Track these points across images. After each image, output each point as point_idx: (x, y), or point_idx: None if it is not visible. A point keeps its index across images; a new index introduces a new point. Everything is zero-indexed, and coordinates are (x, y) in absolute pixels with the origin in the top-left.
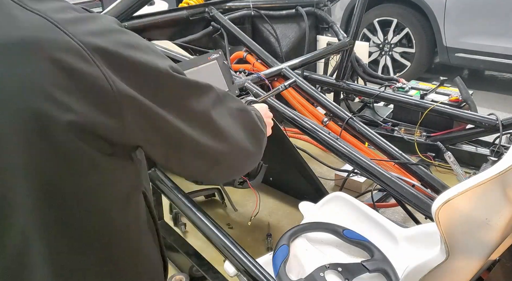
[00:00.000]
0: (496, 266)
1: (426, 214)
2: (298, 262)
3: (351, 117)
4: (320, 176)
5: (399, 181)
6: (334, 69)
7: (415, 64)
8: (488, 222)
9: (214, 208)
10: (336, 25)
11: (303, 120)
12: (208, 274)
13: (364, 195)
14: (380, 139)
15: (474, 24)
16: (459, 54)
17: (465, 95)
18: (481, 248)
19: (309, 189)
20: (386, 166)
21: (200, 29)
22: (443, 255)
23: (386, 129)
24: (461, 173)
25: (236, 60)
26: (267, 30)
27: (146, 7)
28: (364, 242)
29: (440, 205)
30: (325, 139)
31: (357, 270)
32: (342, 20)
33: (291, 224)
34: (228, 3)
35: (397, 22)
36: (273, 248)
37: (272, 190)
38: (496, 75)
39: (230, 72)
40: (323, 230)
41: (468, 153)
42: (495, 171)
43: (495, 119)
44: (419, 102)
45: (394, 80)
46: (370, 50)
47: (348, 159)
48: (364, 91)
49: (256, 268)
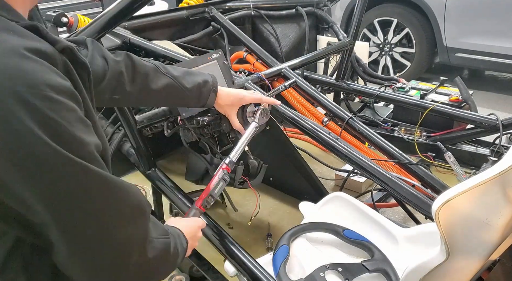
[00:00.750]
0: (496, 266)
1: (426, 214)
2: (298, 262)
3: (351, 117)
4: (320, 176)
5: (399, 181)
6: (334, 69)
7: (415, 64)
8: (488, 222)
9: (214, 208)
10: (336, 25)
11: (303, 120)
12: (208, 274)
13: (364, 195)
14: (380, 139)
15: (474, 24)
16: (459, 54)
17: (465, 95)
18: (481, 248)
19: (309, 189)
20: (386, 166)
21: (200, 29)
22: (443, 255)
23: (386, 129)
24: (461, 173)
25: (236, 60)
26: (267, 30)
27: (146, 7)
28: (364, 242)
29: (440, 205)
30: (325, 139)
31: (357, 270)
32: (342, 20)
33: (291, 224)
34: (228, 3)
35: (397, 22)
36: (273, 248)
37: (272, 190)
38: (496, 75)
39: (230, 72)
40: (323, 230)
41: (468, 153)
42: (495, 171)
43: (495, 119)
44: (419, 102)
45: (394, 80)
46: (370, 50)
47: (348, 159)
48: (364, 91)
49: (256, 268)
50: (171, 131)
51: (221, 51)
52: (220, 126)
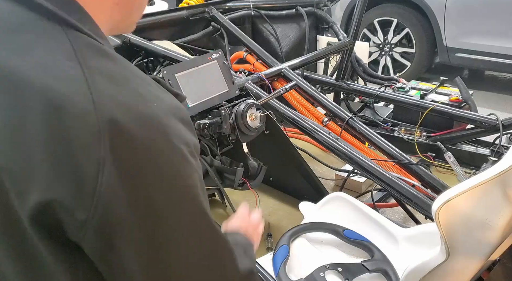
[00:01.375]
0: (496, 266)
1: (426, 214)
2: (298, 262)
3: (351, 117)
4: (320, 176)
5: (399, 181)
6: (334, 69)
7: (415, 64)
8: (488, 222)
9: (214, 208)
10: (336, 25)
11: (303, 120)
12: None
13: (364, 195)
14: (380, 139)
15: (474, 24)
16: (459, 54)
17: (465, 95)
18: (481, 248)
19: (309, 189)
20: (386, 166)
21: (200, 29)
22: (443, 255)
23: (386, 129)
24: (461, 173)
25: (236, 60)
26: (267, 30)
27: (146, 7)
28: (364, 242)
29: (440, 205)
30: (325, 139)
31: (357, 270)
32: (342, 20)
33: (291, 224)
34: (228, 3)
35: (397, 22)
36: (273, 248)
37: (272, 190)
38: (496, 75)
39: (230, 72)
40: (323, 230)
41: (468, 153)
42: (495, 171)
43: (495, 119)
44: (419, 102)
45: (394, 80)
46: (370, 50)
47: (348, 159)
48: (364, 91)
49: (256, 268)
50: None
51: (221, 51)
52: (220, 128)
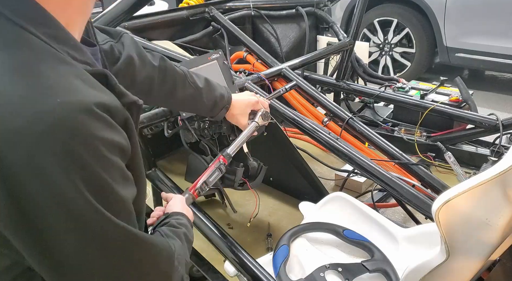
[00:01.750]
0: (496, 266)
1: (426, 214)
2: (298, 262)
3: (351, 117)
4: (320, 176)
5: (399, 181)
6: (334, 69)
7: (415, 64)
8: (488, 222)
9: (214, 208)
10: (336, 25)
11: (303, 120)
12: (208, 274)
13: (364, 195)
14: (380, 139)
15: (474, 24)
16: (459, 54)
17: (465, 95)
18: (481, 248)
19: (309, 189)
20: (386, 166)
21: (200, 29)
22: (443, 255)
23: (386, 129)
24: (461, 173)
25: (236, 60)
26: (267, 30)
27: (146, 7)
28: (364, 242)
29: (440, 205)
30: (325, 139)
31: (357, 270)
32: (342, 20)
33: (291, 224)
34: (228, 3)
35: (397, 22)
36: (273, 248)
37: (272, 190)
38: (496, 75)
39: (230, 72)
40: (323, 230)
41: (468, 153)
42: (495, 171)
43: (495, 119)
44: (419, 102)
45: (394, 80)
46: (370, 50)
47: (349, 159)
48: (364, 91)
49: (256, 268)
50: (171, 132)
51: (221, 51)
52: (220, 128)
